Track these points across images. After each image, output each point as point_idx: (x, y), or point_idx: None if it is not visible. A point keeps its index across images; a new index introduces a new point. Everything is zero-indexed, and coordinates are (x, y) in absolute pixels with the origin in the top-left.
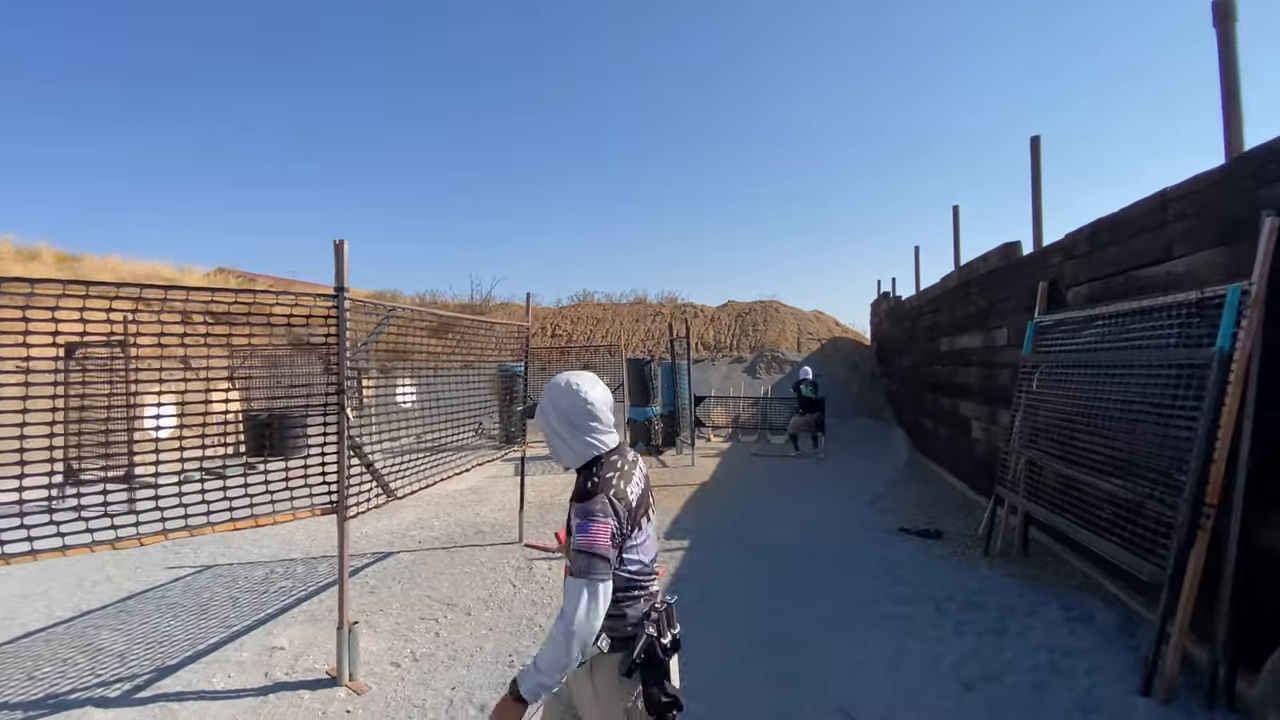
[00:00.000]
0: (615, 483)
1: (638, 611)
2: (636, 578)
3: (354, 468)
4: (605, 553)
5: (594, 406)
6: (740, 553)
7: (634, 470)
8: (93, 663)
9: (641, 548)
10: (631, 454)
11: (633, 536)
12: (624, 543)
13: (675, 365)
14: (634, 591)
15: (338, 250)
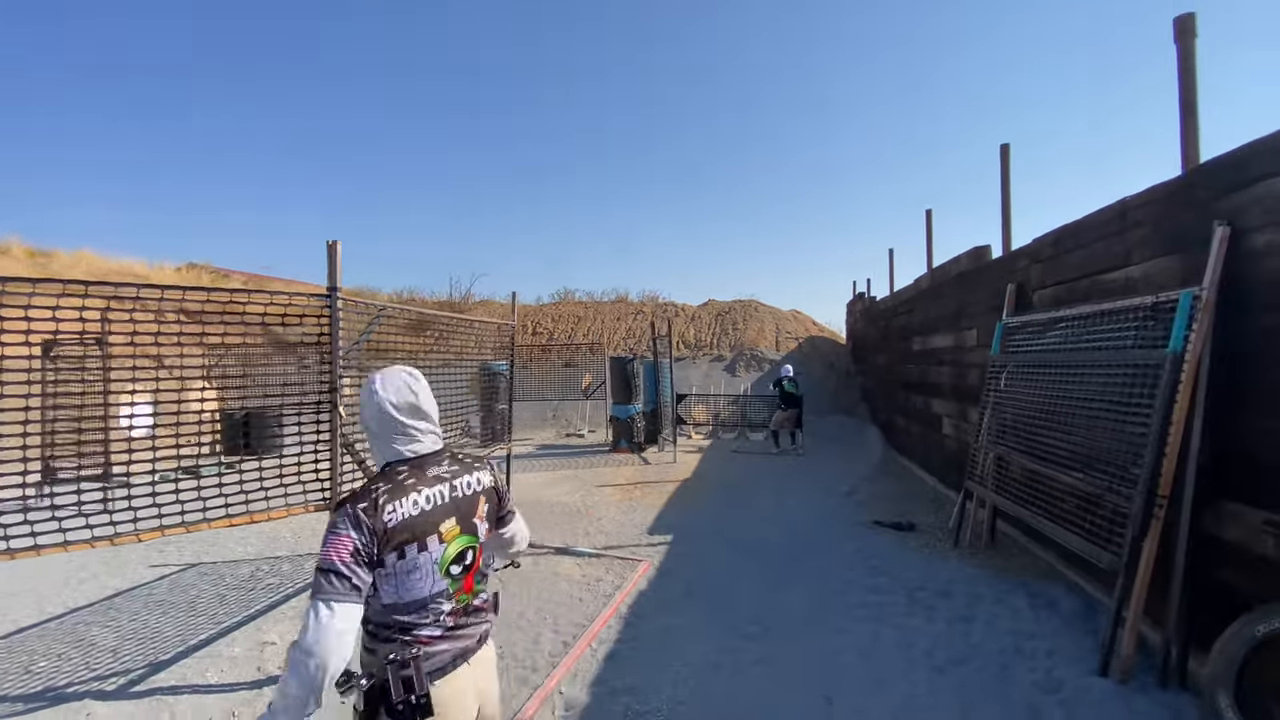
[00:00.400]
0: (375, 496)
1: (384, 655)
2: (389, 615)
3: (346, 464)
4: (337, 568)
5: (393, 412)
6: (723, 546)
7: (423, 486)
8: (86, 657)
9: (401, 580)
10: (443, 468)
11: (387, 563)
12: (372, 564)
13: (657, 363)
14: (385, 630)
15: (330, 251)
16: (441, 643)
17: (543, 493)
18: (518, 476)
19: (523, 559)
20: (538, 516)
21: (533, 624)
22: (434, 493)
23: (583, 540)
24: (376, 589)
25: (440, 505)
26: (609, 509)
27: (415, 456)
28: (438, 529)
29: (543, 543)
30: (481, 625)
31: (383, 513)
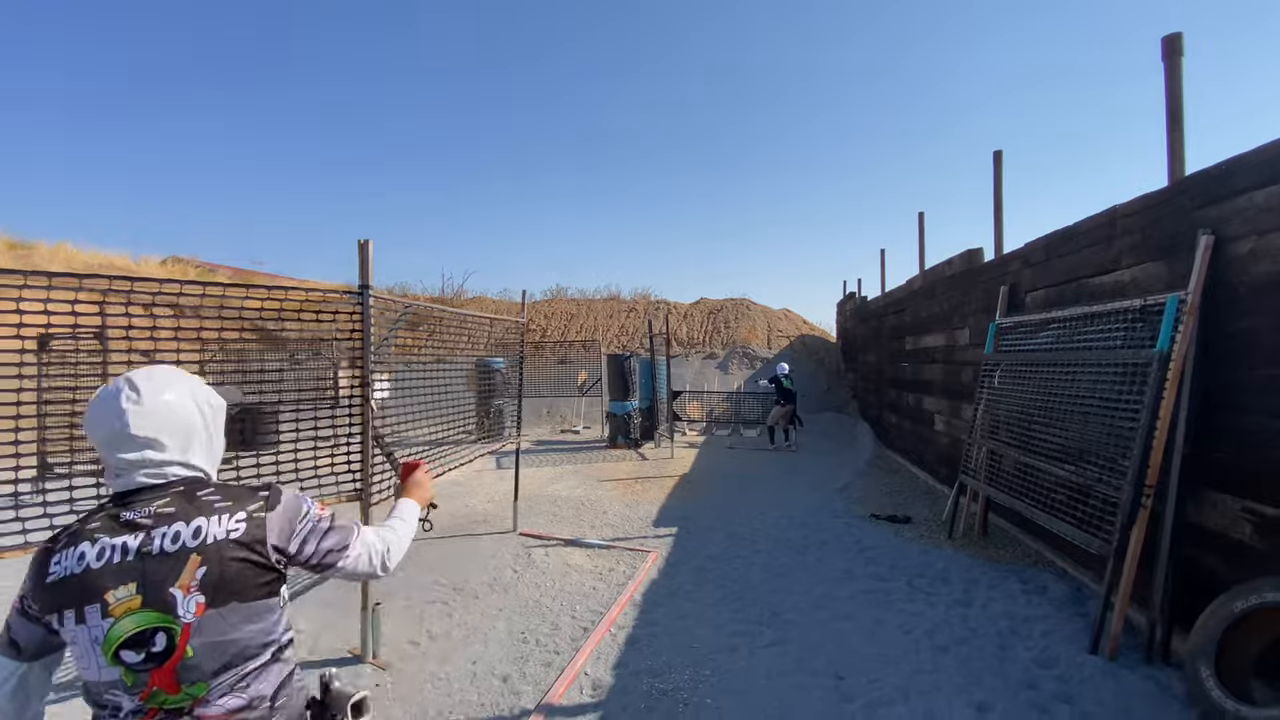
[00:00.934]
0: (58, 539)
1: None
2: (89, 690)
3: (375, 457)
4: (10, 613)
5: (94, 440)
6: (726, 538)
7: (102, 536)
8: None
9: (77, 652)
10: (150, 509)
11: (56, 625)
12: (38, 621)
13: (654, 360)
14: (94, 709)
15: (362, 250)
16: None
17: (548, 488)
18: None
19: (535, 551)
20: (546, 510)
21: (551, 610)
22: (112, 545)
23: (590, 533)
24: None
25: (112, 565)
26: (613, 503)
27: (124, 489)
28: (102, 596)
29: (553, 534)
30: None
31: (51, 563)
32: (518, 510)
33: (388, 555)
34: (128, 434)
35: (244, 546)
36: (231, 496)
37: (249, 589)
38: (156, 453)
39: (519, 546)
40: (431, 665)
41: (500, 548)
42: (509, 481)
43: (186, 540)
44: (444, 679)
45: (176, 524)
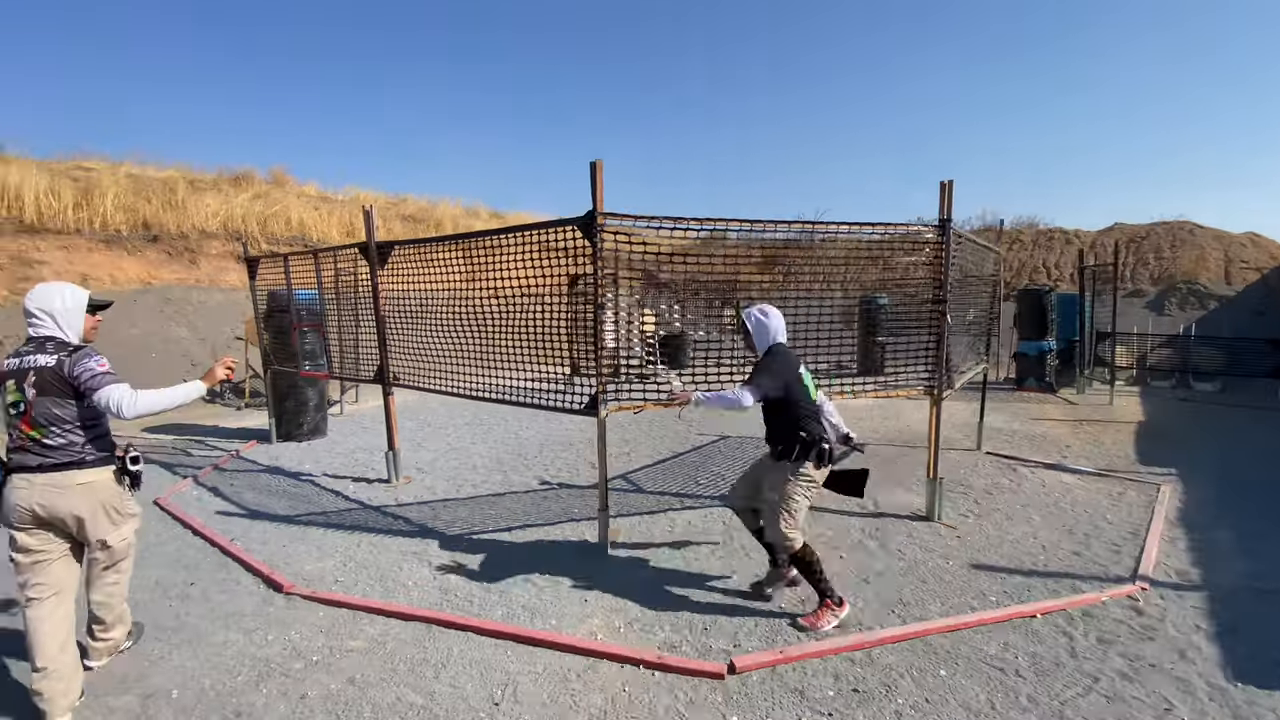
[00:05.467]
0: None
1: None
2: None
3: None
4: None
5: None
6: (1245, 486)
7: (13, 357)
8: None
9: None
10: (26, 349)
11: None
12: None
13: (1083, 296)
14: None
15: (944, 189)
16: (15, 455)
17: (975, 420)
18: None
19: (1020, 468)
20: (992, 438)
21: (1075, 518)
22: (13, 362)
23: (1064, 461)
24: None
25: (11, 369)
26: (1069, 438)
27: (29, 337)
28: (5, 382)
29: (1026, 456)
30: (41, 456)
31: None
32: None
33: (126, 405)
34: (27, 309)
35: (51, 371)
36: (53, 348)
37: (60, 390)
38: (34, 320)
39: (993, 463)
40: (990, 529)
41: (976, 461)
42: (923, 408)
43: (33, 364)
44: (1010, 541)
45: (34, 356)
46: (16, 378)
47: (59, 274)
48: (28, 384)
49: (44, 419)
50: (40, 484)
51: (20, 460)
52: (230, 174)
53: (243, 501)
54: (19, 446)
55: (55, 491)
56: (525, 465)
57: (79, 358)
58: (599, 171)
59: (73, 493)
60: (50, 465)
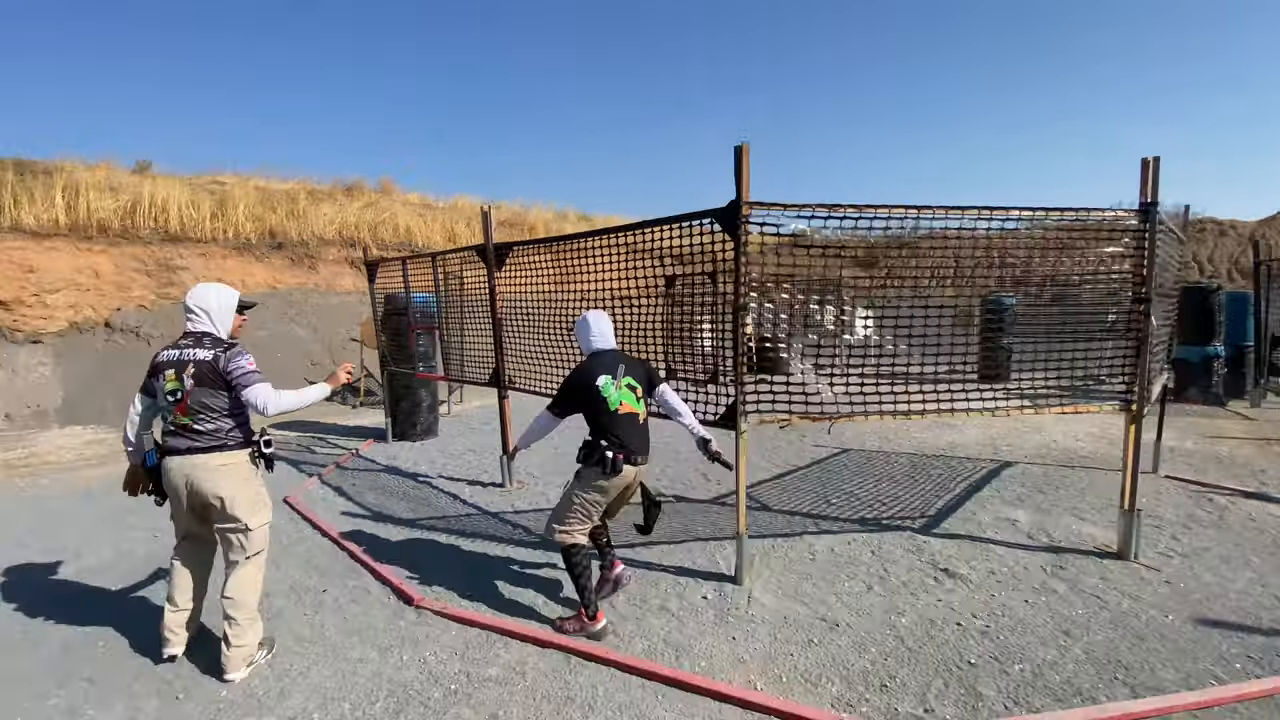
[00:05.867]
0: (162, 347)
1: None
2: (160, 406)
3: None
4: (144, 383)
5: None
6: None
7: (171, 349)
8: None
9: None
10: (185, 341)
11: (154, 383)
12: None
13: (1259, 295)
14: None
15: (1146, 168)
16: (169, 438)
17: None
18: (1092, 416)
19: (1217, 497)
20: (1189, 462)
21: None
22: (172, 353)
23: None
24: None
25: (170, 360)
26: (1260, 460)
27: (185, 331)
28: (165, 371)
29: (1215, 483)
30: (191, 440)
31: (156, 355)
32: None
33: (270, 403)
34: (188, 306)
35: (207, 364)
36: (210, 342)
37: (218, 382)
38: (193, 317)
39: (1179, 490)
40: (1205, 574)
41: (1157, 487)
42: (1069, 422)
43: (191, 357)
44: (1235, 590)
45: (192, 349)
46: (176, 368)
47: (198, 278)
48: (187, 374)
49: (197, 406)
50: (188, 465)
51: (172, 443)
52: (344, 185)
53: (365, 502)
54: (172, 430)
55: (201, 472)
56: None
57: (233, 355)
58: (745, 156)
59: (216, 473)
60: (198, 448)
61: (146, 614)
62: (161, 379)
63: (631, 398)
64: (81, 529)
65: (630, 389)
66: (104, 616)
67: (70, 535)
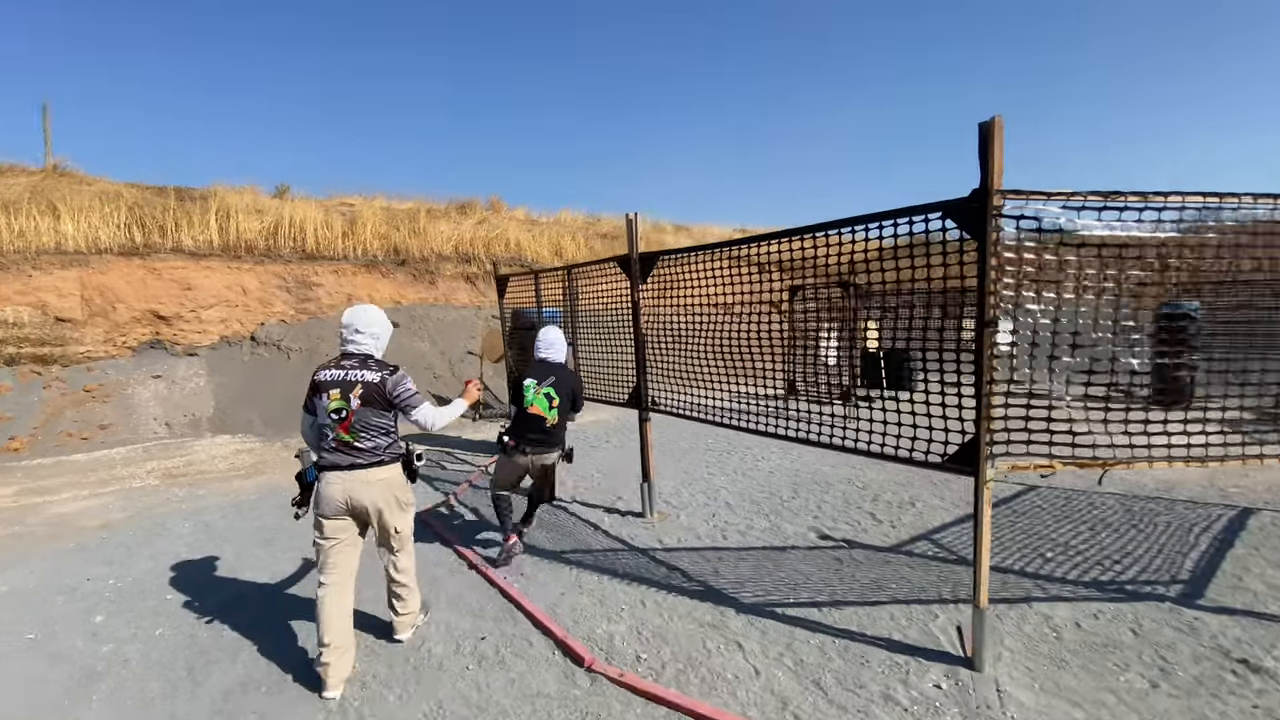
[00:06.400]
0: (322, 364)
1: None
2: (319, 423)
3: None
4: (306, 401)
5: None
6: None
7: (333, 368)
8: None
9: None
10: (351, 362)
11: (315, 400)
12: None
13: None
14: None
15: None
16: (328, 454)
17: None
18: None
19: None
20: None
21: None
22: (336, 373)
23: None
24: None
25: (334, 380)
26: None
27: (343, 352)
28: (329, 390)
29: None
30: (353, 457)
31: (315, 374)
32: None
33: (434, 421)
34: (350, 324)
35: (375, 386)
36: (376, 364)
37: (383, 403)
38: (355, 337)
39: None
40: None
41: None
42: None
43: (359, 378)
44: None
45: (358, 371)
46: (342, 388)
47: (330, 295)
48: (354, 395)
49: (360, 425)
50: (349, 479)
51: (333, 460)
52: (458, 203)
53: None
54: (333, 447)
55: (361, 485)
56: (787, 509)
57: (400, 378)
58: (997, 134)
59: (373, 486)
60: (359, 464)
61: (302, 650)
62: (325, 397)
63: (545, 404)
64: (236, 549)
65: (547, 397)
66: (266, 647)
67: (228, 553)
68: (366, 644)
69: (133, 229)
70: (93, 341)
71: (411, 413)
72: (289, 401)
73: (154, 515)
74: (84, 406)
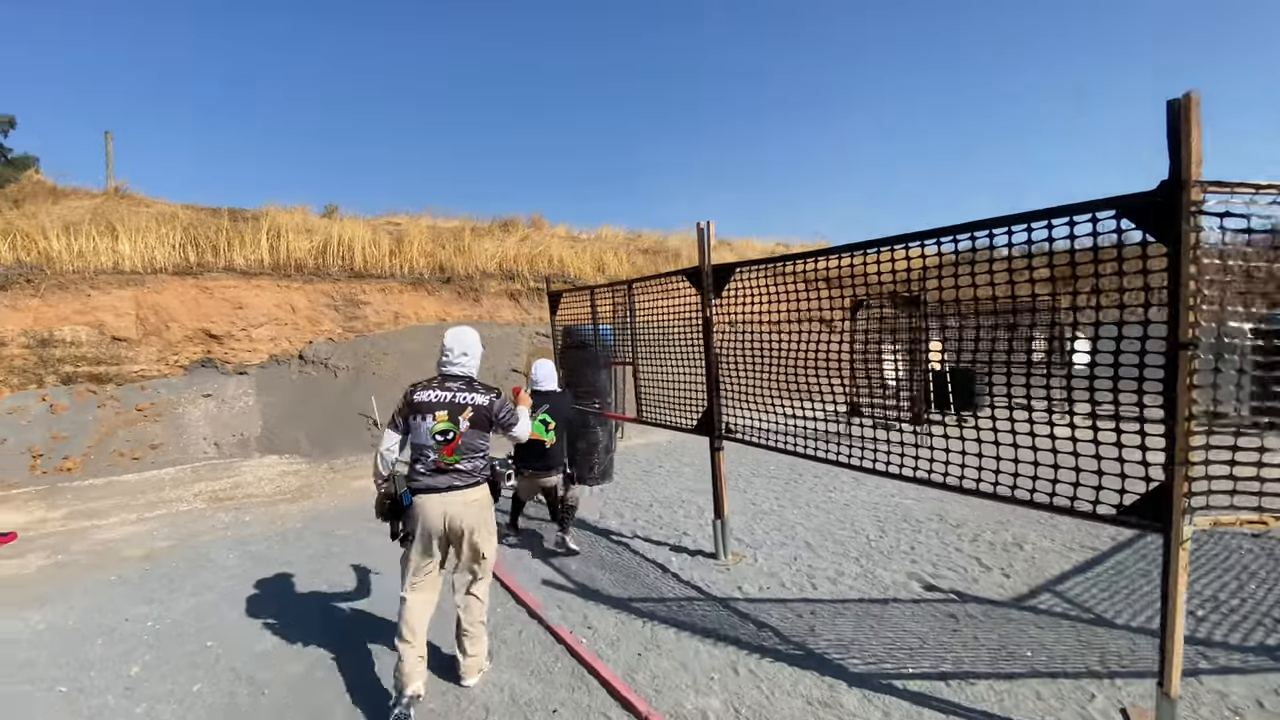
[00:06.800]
0: (417, 386)
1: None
2: (415, 447)
3: None
4: (392, 413)
5: (443, 345)
6: None
7: (436, 389)
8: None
9: (414, 432)
10: (457, 384)
11: (412, 420)
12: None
13: None
14: (412, 456)
15: None
16: (425, 477)
17: None
18: None
19: None
20: None
21: None
22: (441, 394)
23: None
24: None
25: (440, 401)
26: None
27: (445, 374)
28: (434, 412)
29: None
30: (452, 479)
31: (414, 394)
32: None
33: (526, 433)
34: (450, 348)
35: (484, 409)
36: (481, 386)
37: (489, 424)
38: (457, 359)
39: None
40: None
41: None
42: None
43: (468, 400)
44: None
45: (465, 393)
46: (450, 410)
47: (378, 313)
48: (464, 417)
49: (466, 448)
50: (449, 501)
51: (430, 482)
52: (501, 221)
53: (564, 568)
54: (434, 469)
55: (459, 507)
56: (877, 551)
57: (505, 400)
58: (1192, 113)
59: (470, 508)
60: (457, 486)
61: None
62: (430, 419)
63: (541, 429)
64: (281, 584)
65: (543, 422)
66: (313, 710)
67: (272, 590)
68: (431, 680)
69: (187, 249)
70: (146, 360)
71: (513, 430)
72: (336, 420)
73: (198, 543)
74: (136, 426)
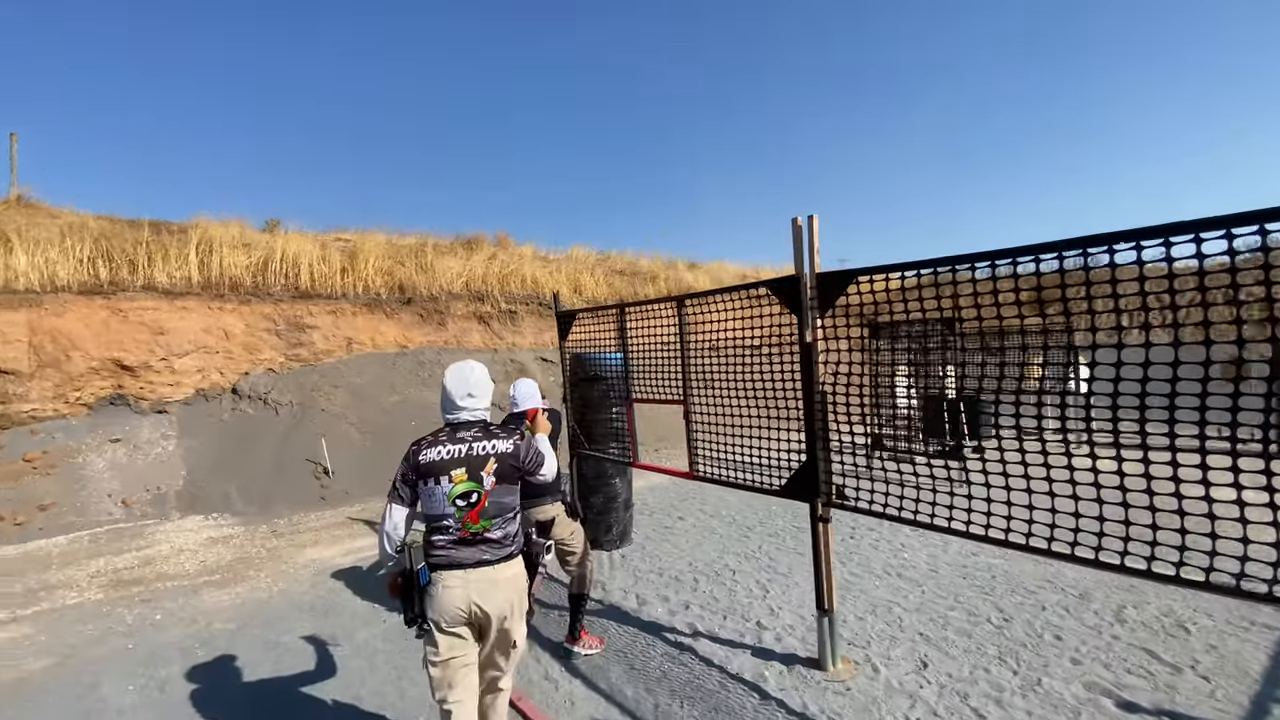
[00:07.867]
0: (419, 443)
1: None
2: (426, 521)
3: None
4: (394, 483)
5: (446, 390)
6: None
7: (448, 443)
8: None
9: (426, 500)
10: (470, 433)
11: (422, 485)
12: (412, 485)
13: None
14: (427, 529)
15: None
16: (448, 549)
17: None
18: None
19: None
20: None
21: None
22: (454, 449)
23: None
24: (420, 501)
25: (455, 458)
26: None
27: (454, 423)
28: (449, 472)
29: None
30: (480, 551)
31: (419, 454)
32: None
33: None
34: (467, 391)
35: (510, 457)
36: (499, 431)
37: (516, 477)
38: (470, 404)
39: None
40: None
41: None
42: None
43: (489, 450)
44: None
45: (483, 441)
46: (469, 466)
47: (327, 339)
48: (487, 472)
49: (494, 510)
50: (475, 579)
51: (453, 556)
52: (463, 239)
53: (613, 691)
54: (458, 540)
55: (489, 586)
56: (1020, 645)
57: (532, 441)
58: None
59: (503, 586)
60: (486, 561)
61: None
62: (445, 482)
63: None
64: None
65: None
66: None
67: None
68: None
69: (97, 263)
70: (40, 397)
71: (539, 472)
72: (277, 469)
73: (86, 665)
74: (21, 481)
